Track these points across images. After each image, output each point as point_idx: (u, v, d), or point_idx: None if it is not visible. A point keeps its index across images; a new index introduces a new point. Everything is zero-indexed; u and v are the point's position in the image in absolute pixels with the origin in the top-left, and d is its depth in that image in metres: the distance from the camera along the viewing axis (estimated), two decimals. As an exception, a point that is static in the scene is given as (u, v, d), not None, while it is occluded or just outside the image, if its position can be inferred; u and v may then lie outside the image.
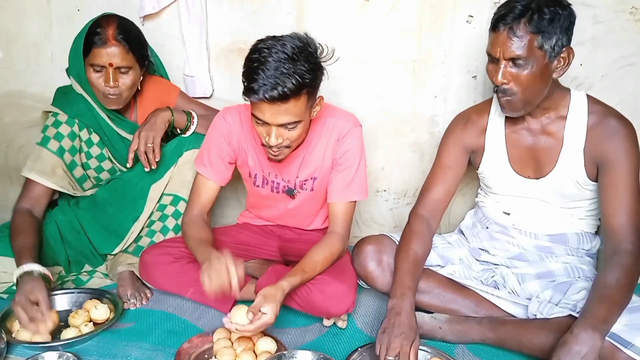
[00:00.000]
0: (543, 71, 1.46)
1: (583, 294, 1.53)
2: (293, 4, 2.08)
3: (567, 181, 1.59)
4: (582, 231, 1.67)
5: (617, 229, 1.47)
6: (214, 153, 1.74)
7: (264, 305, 1.40)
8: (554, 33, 1.42)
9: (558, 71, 1.49)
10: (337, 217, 1.71)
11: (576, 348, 1.30)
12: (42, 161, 1.82)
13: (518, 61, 1.44)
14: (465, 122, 1.73)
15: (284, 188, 1.78)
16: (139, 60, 1.79)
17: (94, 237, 1.90)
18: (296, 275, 1.53)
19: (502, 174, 1.69)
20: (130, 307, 1.76)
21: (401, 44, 2.06)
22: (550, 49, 1.43)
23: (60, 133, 1.84)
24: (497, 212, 1.75)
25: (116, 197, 1.90)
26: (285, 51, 1.42)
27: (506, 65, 1.46)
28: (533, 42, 1.42)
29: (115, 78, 1.74)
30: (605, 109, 1.56)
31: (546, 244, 1.67)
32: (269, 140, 1.51)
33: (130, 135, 1.91)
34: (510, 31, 1.43)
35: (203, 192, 1.75)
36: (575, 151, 1.56)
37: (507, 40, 1.43)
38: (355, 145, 1.69)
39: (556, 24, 1.42)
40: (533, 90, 1.49)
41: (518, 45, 1.43)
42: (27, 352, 1.51)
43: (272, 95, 1.40)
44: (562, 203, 1.64)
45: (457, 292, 1.66)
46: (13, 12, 2.25)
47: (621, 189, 1.48)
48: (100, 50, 1.71)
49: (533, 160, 1.63)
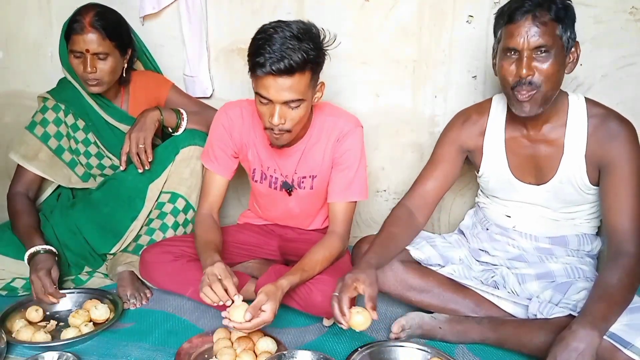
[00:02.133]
0: (561, 64, 1.44)
1: (583, 294, 1.53)
2: (293, 4, 2.08)
3: (569, 187, 1.58)
4: (582, 233, 1.66)
5: (620, 231, 1.46)
6: (217, 147, 1.76)
7: (265, 303, 1.41)
8: (569, 24, 1.42)
9: (570, 67, 1.48)
10: (337, 217, 1.71)
11: (574, 344, 1.29)
12: (26, 145, 1.90)
13: (542, 50, 1.41)
14: (464, 120, 1.71)
15: (281, 183, 1.78)
16: (118, 47, 1.84)
17: (91, 237, 1.90)
18: (295, 274, 1.53)
19: (502, 180, 1.67)
20: (130, 307, 1.76)
21: (401, 44, 2.06)
22: (567, 40, 1.43)
23: (45, 119, 1.91)
24: (498, 214, 1.74)
25: (111, 196, 1.91)
26: (290, 30, 1.46)
27: (529, 56, 1.41)
28: (555, 30, 1.40)
29: (92, 64, 1.79)
30: (604, 112, 1.54)
31: (546, 245, 1.67)
32: (272, 119, 1.51)
33: (118, 123, 1.95)
34: (535, 18, 1.39)
35: (212, 187, 1.78)
36: (576, 158, 1.54)
37: (532, 28, 1.39)
38: (356, 145, 1.69)
39: (570, 15, 1.43)
40: (555, 83, 1.45)
41: (544, 32, 1.39)
42: (27, 352, 1.51)
43: (279, 67, 1.42)
44: (563, 208, 1.63)
45: (457, 291, 1.66)
46: (13, 12, 2.25)
47: (623, 191, 1.47)
48: (78, 37, 1.77)
49: (533, 167, 1.62)
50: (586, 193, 1.58)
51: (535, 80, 1.43)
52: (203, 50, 2.14)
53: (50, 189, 1.99)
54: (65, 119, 1.93)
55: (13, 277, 1.81)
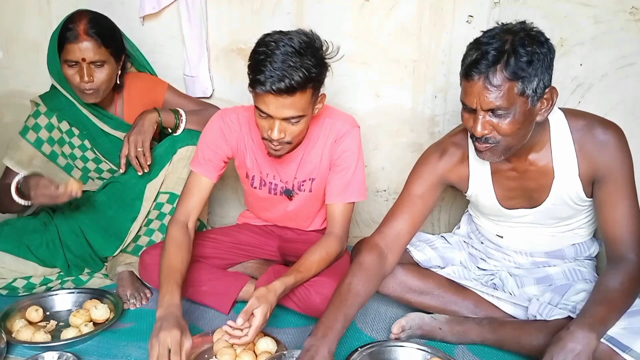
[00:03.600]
0: (526, 117, 1.33)
1: (582, 295, 1.52)
2: (293, 4, 2.08)
3: (563, 206, 1.52)
4: (579, 242, 1.63)
5: (620, 240, 1.43)
6: (209, 150, 1.71)
7: (256, 307, 1.39)
8: (535, 75, 1.28)
9: (542, 113, 1.36)
10: (335, 219, 1.70)
11: (571, 345, 1.28)
12: (21, 151, 1.88)
13: (498, 111, 1.31)
14: (441, 154, 1.59)
15: (282, 189, 1.77)
16: (113, 54, 1.80)
17: (94, 241, 1.90)
18: (290, 276, 1.52)
19: (491, 207, 1.60)
20: (130, 307, 1.76)
21: (401, 44, 2.06)
22: (532, 93, 1.29)
23: (38, 124, 1.89)
24: (490, 233, 1.70)
25: (114, 199, 1.90)
26: (292, 45, 1.42)
27: (485, 116, 1.33)
28: (512, 89, 1.28)
29: (89, 73, 1.74)
30: (586, 122, 1.44)
31: (543, 259, 1.65)
32: (271, 134, 1.50)
33: (114, 130, 1.92)
34: (486, 80, 1.28)
35: (195, 190, 1.70)
36: (569, 178, 1.47)
37: (484, 90, 1.29)
38: (353, 146, 1.68)
39: (536, 65, 1.27)
40: (517, 137, 1.36)
41: (496, 95, 1.28)
42: (27, 352, 1.51)
43: (279, 87, 1.40)
44: (557, 223, 1.59)
45: (456, 293, 1.66)
46: (13, 12, 2.25)
47: (619, 201, 1.43)
48: (73, 45, 1.72)
49: (524, 196, 1.55)
50: (581, 206, 1.53)
51: (492, 137, 1.35)
52: (203, 50, 2.14)
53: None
54: (59, 125, 1.90)
55: (14, 277, 1.80)
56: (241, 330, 1.38)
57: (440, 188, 1.60)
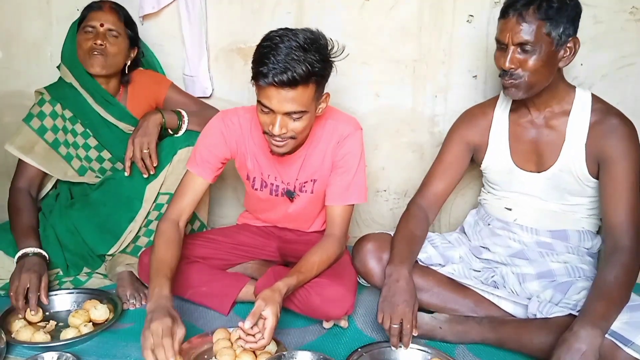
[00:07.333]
0: (550, 58, 1.50)
1: (584, 293, 1.53)
2: (293, 4, 2.08)
3: (568, 176, 1.61)
4: (583, 229, 1.67)
5: (617, 225, 1.48)
6: (208, 152, 1.69)
7: (264, 309, 1.38)
8: (561, 22, 1.47)
9: (564, 60, 1.53)
10: (335, 220, 1.69)
11: (576, 346, 1.30)
12: (23, 137, 1.90)
13: (526, 46, 1.48)
14: (470, 119, 1.77)
15: (283, 190, 1.77)
16: (129, 36, 1.90)
17: (88, 237, 1.90)
18: (292, 277, 1.51)
19: (503, 168, 1.71)
20: (130, 308, 1.76)
21: (401, 43, 2.06)
22: (557, 37, 1.48)
23: (42, 111, 1.92)
24: (499, 208, 1.76)
25: (109, 197, 1.90)
26: (297, 40, 1.42)
27: (514, 51, 1.50)
28: (541, 28, 1.47)
29: (103, 37, 1.83)
30: (608, 108, 1.58)
31: (547, 239, 1.68)
32: (272, 129, 1.49)
33: (117, 120, 1.94)
34: (520, 17, 1.47)
35: (190, 190, 1.69)
36: (577, 146, 1.58)
37: (516, 25, 1.48)
38: (355, 148, 1.68)
39: (564, 12, 1.47)
40: (539, 75, 1.51)
41: (527, 31, 1.47)
42: (27, 352, 1.51)
43: (282, 79, 1.40)
44: (563, 199, 1.65)
45: (456, 291, 1.66)
46: (13, 12, 2.25)
47: (620, 186, 1.50)
48: (96, 13, 1.85)
49: (535, 153, 1.65)
50: (585, 184, 1.60)
51: (518, 72, 1.51)
52: (203, 50, 2.14)
53: (50, 184, 1.98)
54: (62, 112, 1.93)
55: None
56: (253, 335, 1.37)
57: (468, 153, 1.78)
